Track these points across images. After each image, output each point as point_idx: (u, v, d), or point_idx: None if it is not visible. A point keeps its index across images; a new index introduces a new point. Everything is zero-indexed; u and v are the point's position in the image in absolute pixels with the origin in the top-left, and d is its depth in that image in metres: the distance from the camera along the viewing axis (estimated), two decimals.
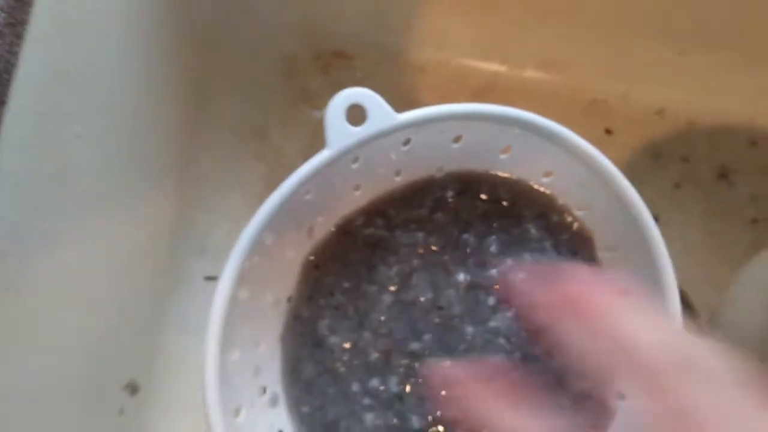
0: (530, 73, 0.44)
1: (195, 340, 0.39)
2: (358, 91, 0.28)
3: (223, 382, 0.27)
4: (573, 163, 0.30)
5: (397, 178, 0.33)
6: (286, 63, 0.43)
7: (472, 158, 0.32)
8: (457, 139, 0.31)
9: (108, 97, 0.30)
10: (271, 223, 0.28)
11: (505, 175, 0.33)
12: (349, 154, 0.29)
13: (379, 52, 0.44)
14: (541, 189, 0.33)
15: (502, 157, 0.32)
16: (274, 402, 0.31)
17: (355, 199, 0.32)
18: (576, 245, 0.32)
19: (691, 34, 0.42)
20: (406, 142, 0.30)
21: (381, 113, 0.28)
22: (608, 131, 0.44)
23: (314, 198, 0.30)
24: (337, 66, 0.44)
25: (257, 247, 0.28)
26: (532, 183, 0.33)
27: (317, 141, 0.43)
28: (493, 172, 0.33)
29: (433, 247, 0.32)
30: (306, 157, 0.29)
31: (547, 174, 0.32)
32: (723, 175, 0.43)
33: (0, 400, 0.26)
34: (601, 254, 0.32)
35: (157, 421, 0.37)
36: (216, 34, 0.42)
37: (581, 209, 0.32)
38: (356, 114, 0.28)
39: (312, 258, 0.32)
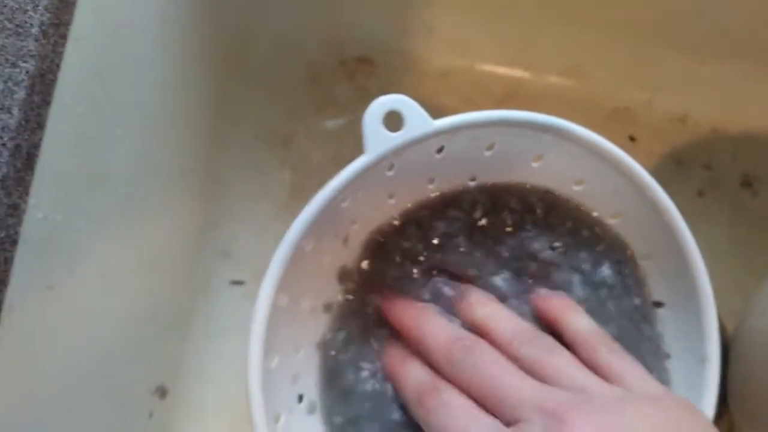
0: (553, 80, 0.44)
1: (222, 345, 0.40)
2: (394, 97, 0.28)
3: (265, 389, 0.27)
4: (605, 170, 0.30)
5: (431, 186, 0.33)
6: (311, 70, 0.44)
7: (504, 167, 0.32)
8: (490, 147, 0.31)
9: (143, 100, 0.31)
10: (311, 229, 0.28)
11: (538, 185, 0.33)
12: (386, 161, 0.29)
13: (403, 59, 0.44)
14: (574, 200, 0.33)
15: (535, 165, 0.32)
16: (311, 410, 0.31)
17: (389, 208, 0.32)
18: (616, 255, 0.32)
19: (713, 42, 0.42)
20: (440, 149, 0.30)
21: (418, 119, 0.28)
22: (632, 138, 0.44)
23: (350, 205, 0.30)
24: (361, 72, 0.44)
25: (297, 252, 0.28)
26: (564, 193, 0.33)
27: (343, 147, 0.44)
28: (525, 183, 0.33)
29: (470, 268, 0.32)
30: (331, 164, 0.30)
31: (579, 182, 0.32)
32: (747, 183, 0.43)
33: (34, 399, 0.26)
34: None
35: (185, 425, 0.37)
36: (242, 41, 0.42)
37: (614, 217, 0.32)
38: (392, 121, 0.28)
39: (349, 266, 0.32)
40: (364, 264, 0.32)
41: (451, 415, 0.25)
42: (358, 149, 0.44)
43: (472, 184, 0.33)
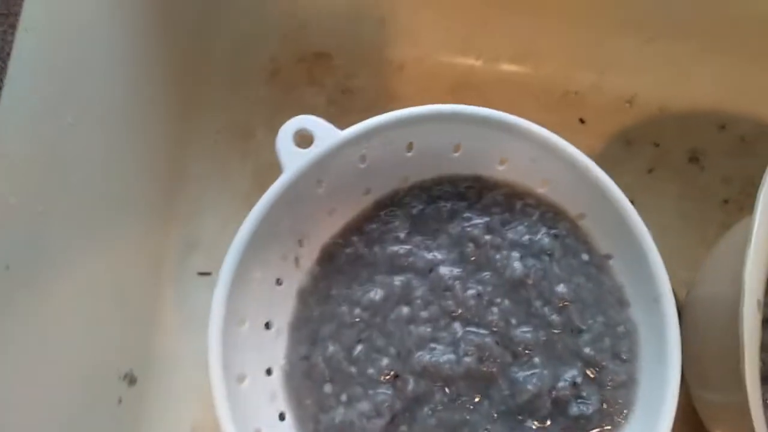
0: (504, 67, 0.46)
1: (190, 334, 0.41)
2: (301, 118, 0.31)
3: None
4: (520, 144, 0.32)
5: (367, 197, 0.34)
6: (270, 64, 0.45)
7: (429, 162, 0.34)
8: (409, 147, 0.33)
9: (98, 91, 0.32)
10: (254, 255, 0.30)
11: (466, 173, 0.34)
12: (310, 178, 0.31)
13: (359, 52, 0.45)
14: (502, 179, 0.34)
15: (456, 155, 0.33)
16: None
17: (331, 224, 0.34)
18: (551, 221, 0.34)
19: (657, 22, 0.44)
20: (363, 159, 0.32)
21: (325, 133, 0.30)
22: (582, 120, 0.45)
23: (291, 226, 0.32)
24: (319, 66, 0.45)
25: (244, 281, 0.30)
26: (492, 175, 0.34)
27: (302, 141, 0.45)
28: (453, 174, 0.34)
29: (412, 258, 0.33)
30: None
31: (502, 161, 0.34)
32: (694, 158, 0.45)
33: (2, 388, 0.27)
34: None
35: (154, 411, 0.38)
36: (202, 36, 0.44)
37: (542, 186, 0.34)
38: (306, 141, 0.31)
39: (305, 285, 0.34)
40: (319, 281, 0.34)
41: None
42: None
43: (405, 185, 0.34)
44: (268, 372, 0.32)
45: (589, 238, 0.33)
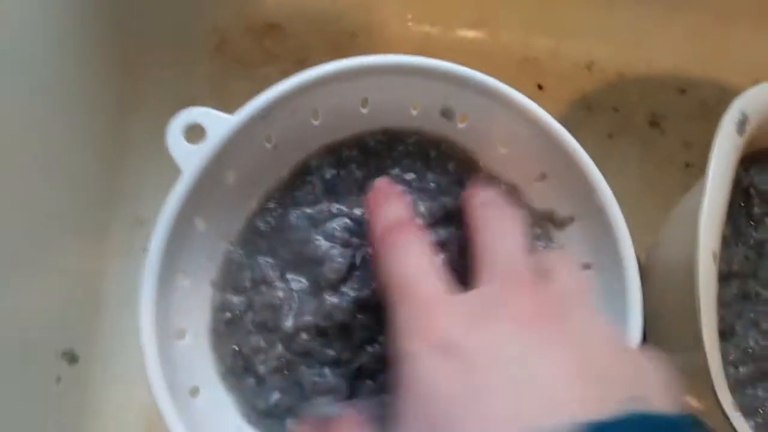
0: (462, 33, 0.45)
1: (135, 312, 0.39)
2: (187, 111, 0.28)
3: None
4: (432, 84, 0.30)
5: (282, 173, 0.32)
6: (218, 35, 0.44)
7: (336, 124, 0.32)
8: (315, 116, 0.31)
9: (24, 62, 0.30)
10: (177, 267, 0.28)
11: (374, 128, 0.32)
12: (213, 174, 0.28)
13: (310, 21, 0.44)
14: (412, 127, 0.32)
15: (363, 111, 0.31)
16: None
17: (251, 214, 0.32)
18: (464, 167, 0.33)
19: None
20: (268, 138, 0.30)
21: (216, 123, 0.28)
22: (540, 87, 0.44)
23: (214, 224, 0.30)
24: (270, 36, 0.44)
25: (170, 289, 0.28)
26: (402, 125, 0.32)
27: None
28: (360, 132, 0.32)
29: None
30: None
31: (415, 107, 0.32)
32: (654, 122, 0.44)
33: None
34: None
35: (96, 392, 0.37)
36: (142, 8, 0.42)
37: (462, 121, 0.32)
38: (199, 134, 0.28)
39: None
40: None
41: (404, 253, 0.25)
42: None
43: (313, 152, 0.32)
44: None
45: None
